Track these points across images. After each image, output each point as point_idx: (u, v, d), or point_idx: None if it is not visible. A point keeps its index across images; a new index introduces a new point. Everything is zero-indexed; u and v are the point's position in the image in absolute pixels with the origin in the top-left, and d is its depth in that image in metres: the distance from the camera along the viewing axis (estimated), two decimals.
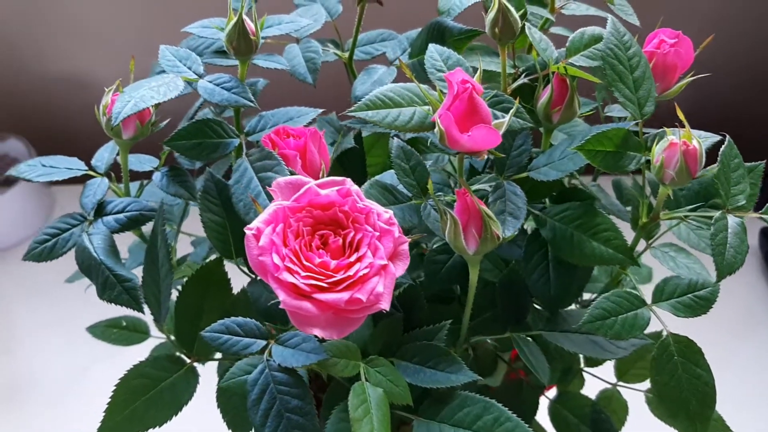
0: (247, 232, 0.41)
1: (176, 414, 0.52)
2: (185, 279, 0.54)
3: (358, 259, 0.42)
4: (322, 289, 0.40)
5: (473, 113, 0.46)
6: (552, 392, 0.64)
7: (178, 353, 0.54)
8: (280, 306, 0.39)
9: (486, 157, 0.47)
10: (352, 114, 0.48)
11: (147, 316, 0.55)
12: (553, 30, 0.64)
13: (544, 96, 0.54)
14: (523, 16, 0.58)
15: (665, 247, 0.58)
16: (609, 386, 0.64)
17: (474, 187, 0.53)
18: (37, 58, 1.39)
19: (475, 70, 0.56)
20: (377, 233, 0.42)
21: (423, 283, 0.54)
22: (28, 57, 1.39)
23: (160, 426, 0.51)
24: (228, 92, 0.53)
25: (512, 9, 0.51)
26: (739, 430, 0.55)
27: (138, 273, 0.59)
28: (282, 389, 0.44)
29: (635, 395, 0.62)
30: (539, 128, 0.57)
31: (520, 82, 0.55)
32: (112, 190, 0.57)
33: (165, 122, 0.56)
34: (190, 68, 0.55)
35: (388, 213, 0.43)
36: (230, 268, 0.56)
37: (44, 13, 1.34)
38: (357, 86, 0.62)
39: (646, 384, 0.62)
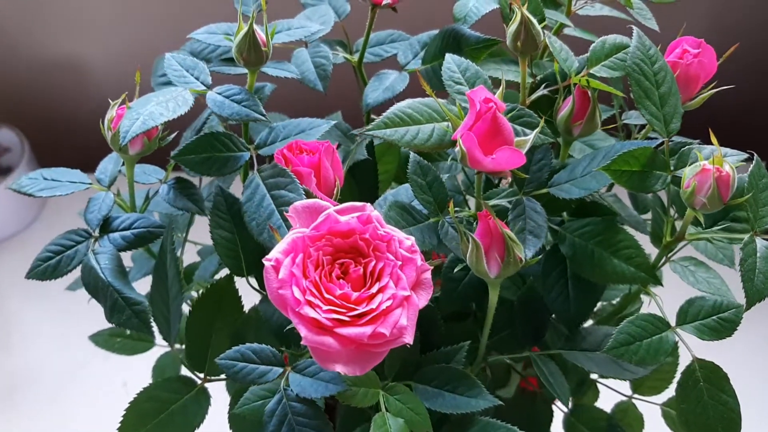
0: (266, 263, 0.40)
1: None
2: (195, 297, 0.53)
3: (380, 290, 0.40)
4: (344, 323, 0.39)
5: (496, 134, 0.45)
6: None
7: (188, 373, 0.52)
8: (302, 342, 0.38)
9: (509, 178, 0.46)
10: (370, 133, 0.46)
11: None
12: (568, 32, 0.62)
13: (565, 109, 0.52)
14: (542, 21, 0.56)
15: (684, 261, 0.57)
16: (624, 398, 0.64)
17: (492, 202, 0.52)
18: (29, 44, 1.35)
19: (492, 81, 0.54)
20: (399, 262, 0.41)
21: (439, 300, 0.53)
22: (20, 43, 1.35)
23: None
24: (238, 105, 0.51)
25: (535, 21, 0.49)
26: None
27: (144, 283, 0.58)
28: (301, 420, 0.43)
29: (651, 408, 0.62)
30: (558, 140, 0.56)
31: (539, 93, 0.53)
32: (118, 204, 0.55)
33: (173, 135, 0.54)
34: (197, 78, 0.53)
35: (410, 240, 0.42)
36: (240, 283, 0.54)
37: None
38: (368, 93, 0.60)
39: (663, 397, 0.61)
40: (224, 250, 0.52)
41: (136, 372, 0.73)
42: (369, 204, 0.43)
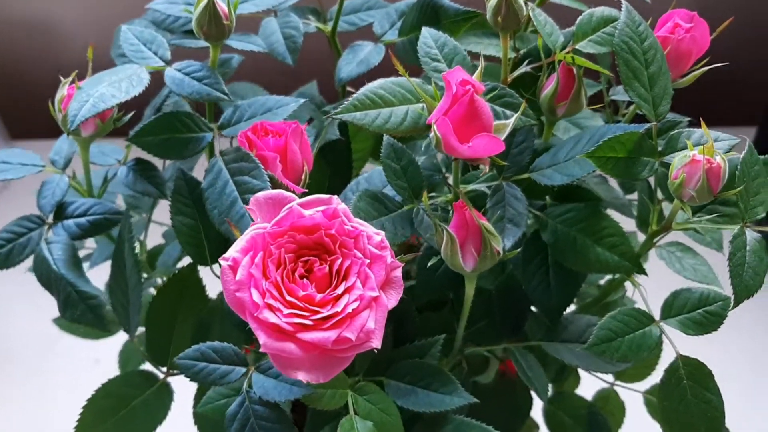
0: (223, 263, 0.37)
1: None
2: (158, 285, 0.50)
3: (347, 290, 0.37)
4: (306, 328, 0.36)
5: (474, 118, 0.41)
6: None
7: (150, 367, 0.50)
8: (261, 350, 0.36)
9: (487, 166, 0.43)
10: (338, 117, 0.43)
11: None
12: None
13: (549, 87, 0.49)
14: None
15: (671, 247, 0.55)
16: (606, 386, 0.62)
17: (470, 187, 0.49)
18: None
19: (472, 55, 0.51)
20: (367, 260, 0.38)
21: (414, 290, 0.50)
22: None
23: None
24: (199, 83, 0.48)
25: None
26: None
27: (106, 267, 0.55)
28: (264, 425, 0.41)
29: (633, 395, 0.60)
30: (541, 118, 0.53)
31: (521, 70, 0.50)
32: (73, 188, 0.52)
33: (129, 115, 0.50)
34: (156, 53, 0.50)
35: (379, 235, 0.39)
36: (205, 271, 0.51)
37: None
38: (342, 67, 0.56)
39: (645, 384, 0.60)
40: (186, 238, 0.49)
41: (110, 347, 0.70)
42: (336, 197, 0.40)
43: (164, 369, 0.50)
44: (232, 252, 0.37)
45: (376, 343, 0.37)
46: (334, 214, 0.39)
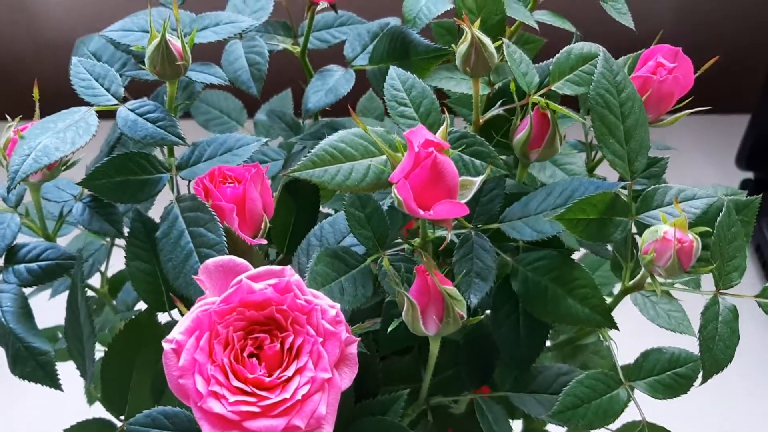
0: (165, 346, 0.35)
1: None
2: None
3: (298, 372, 0.36)
4: (253, 415, 0.35)
5: (437, 181, 0.39)
6: None
7: (108, 416, 0.49)
8: None
9: (450, 228, 0.41)
10: (296, 175, 0.41)
11: None
12: (537, 17, 0.55)
13: (522, 132, 0.47)
14: (499, 29, 0.49)
15: (646, 290, 0.53)
16: None
17: (438, 233, 0.47)
18: None
19: (440, 93, 0.49)
20: (320, 338, 0.36)
21: (379, 339, 0.49)
22: None
23: None
24: (153, 126, 0.45)
25: (487, 42, 0.42)
26: None
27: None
28: None
29: None
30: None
31: (494, 112, 0.47)
32: (27, 226, 0.50)
33: (79, 159, 0.48)
34: (108, 89, 0.47)
35: (334, 308, 0.37)
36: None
37: None
38: (309, 96, 0.54)
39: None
40: (143, 284, 0.47)
41: None
42: (288, 267, 0.38)
43: (122, 417, 0.49)
44: (176, 333, 0.36)
45: (328, 429, 0.36)
46: (287, 287, 0.37)
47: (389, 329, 0.42)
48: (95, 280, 0.59)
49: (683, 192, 0.43)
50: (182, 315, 0.37)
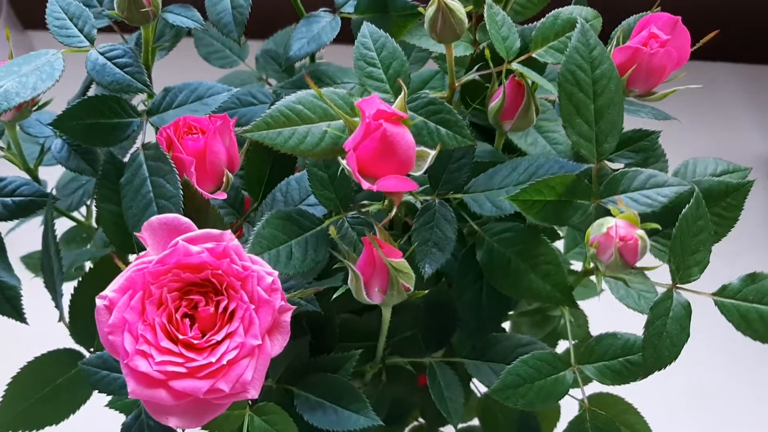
0: (98, 302, 0.36)
1: (74, 412, 0.50)
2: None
3: (228, 336, 0.36)
4: (179, 375, 0.36)
5: (387, 153, 0.38)
6: None
7: (78, 347, 0.51)
8: (129, 396, 0.35)
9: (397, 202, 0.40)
10: (248, 136, 0.40)
11: None
12: None
13: (495, 101, 0.45)
14: None
15: None
16: None
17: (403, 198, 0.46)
18: None
19: (416, 56, 0.47)
20: (253, 305, 0.37)
21: (337, 299, 0.49)
22: None
23: (56, 424, 0.50)
24: (121, 72, 0.45)
25: (456, 7, 0.40)
26: None
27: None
28: None
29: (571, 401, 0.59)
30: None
31: (469, 77, 0.45)
32: (8, 160, 0.51)
33: (50, 101, 0.48)
34: (81, 30, 0.46)
35: (271, 276, 0.37)
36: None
37: None
38: (292, 42, 0.52)
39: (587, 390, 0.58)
40: (112, 226, 0.48)
41: None
42: (228, 232, 0.38)
43: (91, 350, 0.51)
44: (109, 291, 0.36)
45: (253, 393, 0.36)
46: (224, 252, 0.37)
47: (334, 295, 0.42)
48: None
49: (653, 178, 0.41)
50: None
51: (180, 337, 0.36)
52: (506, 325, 0.61)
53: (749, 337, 0.39)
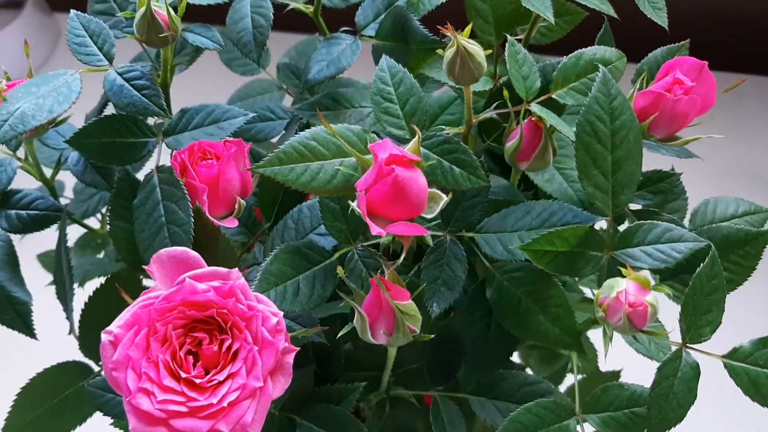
0: (103, 337, 0.36)
1: (81, 424, 0.50)
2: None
3: (231, 377, 0.36)
4: (180, 414, 0.36)
5: (398, 198, 0.38)
6: None
7: (87, 360, 0.51)
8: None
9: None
10: (260, 171, 0.40)
11: None
12: None
13: (511, 141, 0.44)
14: (513, 17, 0.46)
15: None
16: None
17: None
18: None
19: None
20: (256, 347, 0.37)
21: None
22: None
23: None
24: (138, 94, 0.45)
25: (475, 51, 0.39)
26: None
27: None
28: None
29: None
30: None
31: (487, 114, 0.45)
32: (26, 171, 0.51)
33: (67, 117, 0.48)
34: (101, 48, 0.46)
35: (276, 317, 0.37)
36: None
37: None
38: (312, 65, 0.52)
39: None
40: (124, 244, 0.49)
41: None
42: (235, 270, 0.38)
43: (100, 363, 0.51)
44: (114, 326, 0.37)
45: None
46: (230, 291, 0.37)
47: (340, 333, 0.42)
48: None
49: (669, 232, 0.40)
50: None
51: (183, 375, 0.36)
52: (515, 354, 0.60)
53: (758, 403, 0.38)
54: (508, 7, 0.46)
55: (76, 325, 0.50)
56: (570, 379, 0.58)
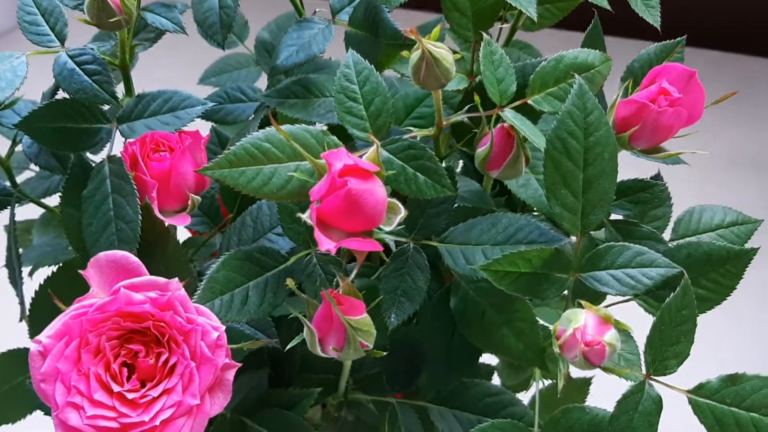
0: (32, 347, 0.35)
1: (31, 412, 0.49)
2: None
3: (166, 392, 0.35)
4: (111, 431, 0.34)
5: (352, 211, 0.35)
6: None
7: None
8: None
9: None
10: (208, 174, 0.37)
11: None
12: None
13: (482, 148, 0.41)
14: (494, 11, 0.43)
15: None
16: None
17: (381, 235, 0.44)
18: None
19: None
20: (193, 364, 0.35)
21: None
22: None
23: (13, 423, 0.49)
24: (89, 79, 0.42)
25: (442, 56, 0.36)
26: None
27: None
28: None
29: None
30: None
31: (458, 117, 0.42)
32: None
33: (17, 99, 0.46)
34: (53, 28, 0.44)
35: (217, 331, 0.35)
36: None
37: None
38: (281, 50, 0.49)
39: None
40: (75, 232, 0.46)
41: None
42: (175, 280, 0.36)
43: None
44: (44, 336, 0.35)
45: None
46: (168, 303, 0.35)
47: (289, 345, 0.40)
48: None
49: (640, 256, 0.38)
50: None
51: (115, 389, 0.35)
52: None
53: None
54: (487, 0, 0.43)
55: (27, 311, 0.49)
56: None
